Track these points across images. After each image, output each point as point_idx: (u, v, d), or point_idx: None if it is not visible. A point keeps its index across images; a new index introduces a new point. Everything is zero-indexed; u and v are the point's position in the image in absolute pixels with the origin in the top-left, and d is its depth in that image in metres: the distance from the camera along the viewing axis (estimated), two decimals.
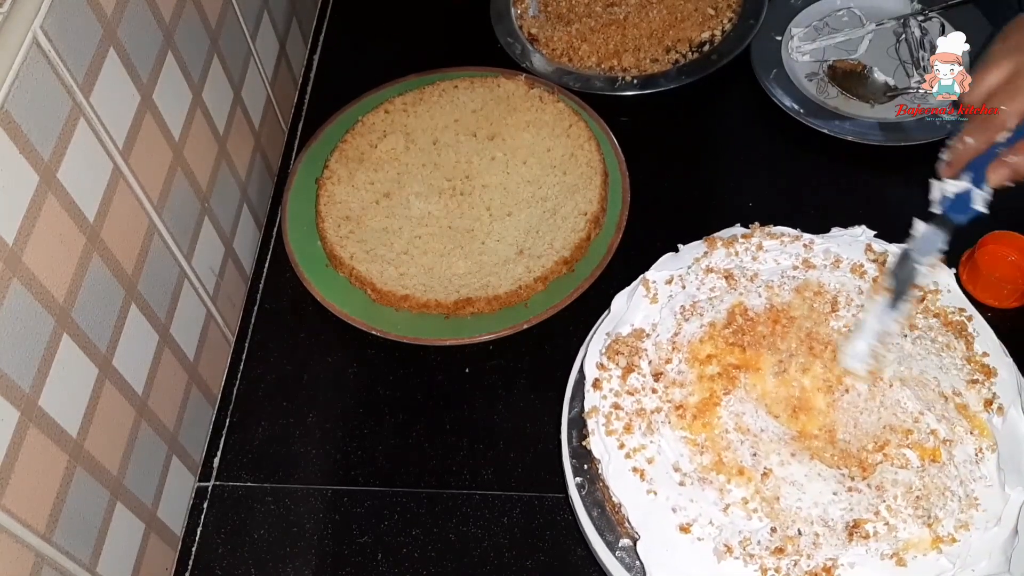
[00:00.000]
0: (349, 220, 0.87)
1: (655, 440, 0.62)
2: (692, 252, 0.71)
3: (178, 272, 0.76)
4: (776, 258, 0.70)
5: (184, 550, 0.74)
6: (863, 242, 0.70)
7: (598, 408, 0.64)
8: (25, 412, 0.55)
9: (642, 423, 0.63)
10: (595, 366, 0.66)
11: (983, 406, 0.62)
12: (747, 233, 0.71)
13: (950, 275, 0.69)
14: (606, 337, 0.67)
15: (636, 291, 0.69)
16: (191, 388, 0.78)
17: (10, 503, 0.54)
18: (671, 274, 0.69)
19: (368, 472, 0.77)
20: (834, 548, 0.57)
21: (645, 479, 0.60)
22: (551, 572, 0.71)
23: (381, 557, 0.72)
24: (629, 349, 0.66)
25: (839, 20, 1.01)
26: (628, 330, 0.67)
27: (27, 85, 0.55)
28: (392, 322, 0.81)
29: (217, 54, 0.83)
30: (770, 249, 0.70)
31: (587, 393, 0.65)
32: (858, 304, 0.67)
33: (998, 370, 0.64)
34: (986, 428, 0.61)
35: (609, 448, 0.62)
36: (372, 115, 0.94)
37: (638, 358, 0.65)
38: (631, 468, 0.61)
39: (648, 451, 0.61)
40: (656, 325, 0.67)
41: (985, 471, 0.59)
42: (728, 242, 0.70)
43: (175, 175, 0.75)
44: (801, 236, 0.71)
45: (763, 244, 0.70)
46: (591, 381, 0.65)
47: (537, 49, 1.01)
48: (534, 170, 0.89)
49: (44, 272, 0.57)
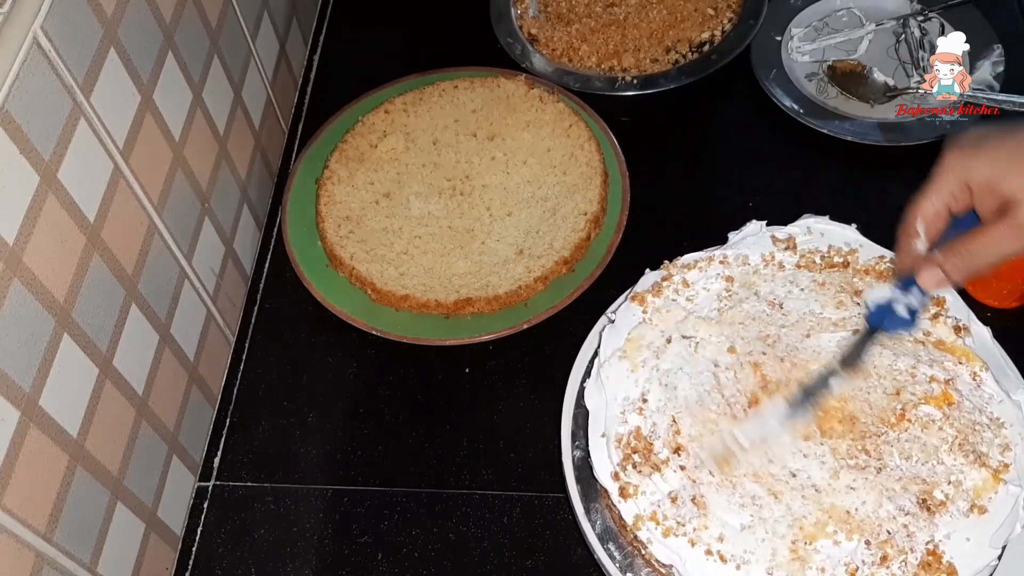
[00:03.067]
0: (349, 220, 0.87)
1: (713, 515, 0.59)
2: (630, 316, 0.69)
3: (178, 272, 0.76)
4: (705, 286, 0.69)
5: (184, 550, 0.74)
6: (766, 235, 0.71)
7: (642, 516, 0.60)
8: (25, 412, 0.55)
9: (692, 506, 0.60)
10: (611, 477, 0.62)
11: (954, 333, 0.64)
12: (664, 275, 0.70)
13: (853, 230, 0.70)
14: (603, 440, 0.64)
15: (601, 376, 0.66)
16: (191, 388, 0.79)
17: (10, 503, 0.54)
18: (621, 348, 0.67)
19: (368, 472, 0.77)
20: (924, 530, 0.58)
21: (727, 560, 0.58)
22: (551, 572, 0.71)
23: (381, 557, 0.72)
24: (635, 439, 0.63)
25: (839, 20, 1.01)
26: (620, 422, 0.64)
27: (27, 85, 0.55)
28: (392, 322, 0.81)
29: (217, 54, 0.83)
30: (695, 280, 0.70)
31: (619, 505, 0.61)
32: (794, 289, 0.68)
33: (945, 297, 0.66)
34: (968, 352, 0.63)
35: (676, 548, 0.59)
36: (372, 115, 0.94)
37: (650, 444, 0.63)
38: (704, 553, 0.58)
39: (713, 530, 0.59)
40: (645, 397, 0.65)
41: (989, 390, 0.62)
42: (655, 291, 0.69)
43: (175, 175, 0.75)
44: (713, 255, 0.70)
45: (686, 279, 0.70)
46: (616, 492, 0.61)
47: (537, 49, 1.01)
48: (534, 170, 0.89)
49: (44, 272, 0.57)
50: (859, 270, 0.69)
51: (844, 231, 0.71)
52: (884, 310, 0.61)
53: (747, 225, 0.72)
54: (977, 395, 0.62)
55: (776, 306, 0.67)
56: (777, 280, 0.69)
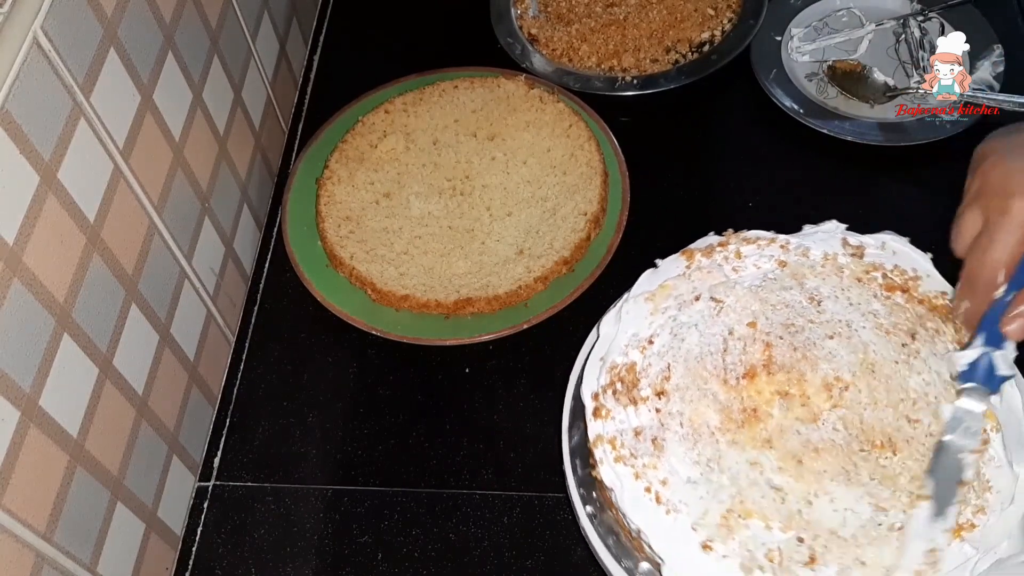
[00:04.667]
0: (349, 220, 0.87)
1: (666, 459, 0.61)
2: (673, 266, 0.70)
3: (178, 272, 0.76)
4: (756, 263, 0.69)
5: (184, 550, 0.75)
6: (838, 236, 0.70)
7: (603, 436, 0.63)
8: (25, 412, 0.55)
9: (650, 445, 0.61)
10: (591, 396, 0.65)
11: None
12: (723, 241, 0.71)
13: (926, 259, 0.67)
14: (600, 363, 0.66)
15: (622, 310, 0.68)
16: (191, 388, 0.79)
17: (10, 503, 0.54)
18: (651, 292, 0.68)
19: (368, 472, 0.77)
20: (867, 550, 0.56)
21: (662, 501, 0.59)
22: (551, 572, 0.71)
23: (381, 557, 0.72)
24: (627, 371, 0.65)
25: (839, 20, 1.01)
26: (622, 352, 0.65)
27: (27, 85, 0.55)
28: (392, 322, 0.81)
29: (217, 54, 0.83)
30: (749, 255, 0.70)
31: (589, 423, 0.64)
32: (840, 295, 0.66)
33: None
34: (991, 413, 0.60)
35: (620, 475, 0.61)
36: (372, 115, 0.94)
37: (637, 379, 0.64)
38: (644, 489, 0.60)
39: (660, 472, 0.60)
40: (652, 339, 0.66)
41: (993, 452, 0.59)
42: (706, 252, 0.70)
43: (175, 175, 0.75)
44: (776, 238, 0.70)
45: (741, 251, 0.70)
46: (591, 410, 0.64)
47: (537, 49, 1.01)
48: (534, 170, 0.89)
49: (44, 272, 0.57)
50: (916, 298, 0.66)
51: (917, 257, 0.68)
52: (981, 369, 0.58)
53: (826, 222, 0.70)
54: None
55: (815, 302, 0.66)
56: (828, 281, 0.67)
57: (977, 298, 0.58)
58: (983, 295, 0.58)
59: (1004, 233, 0.55)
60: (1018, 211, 0.55)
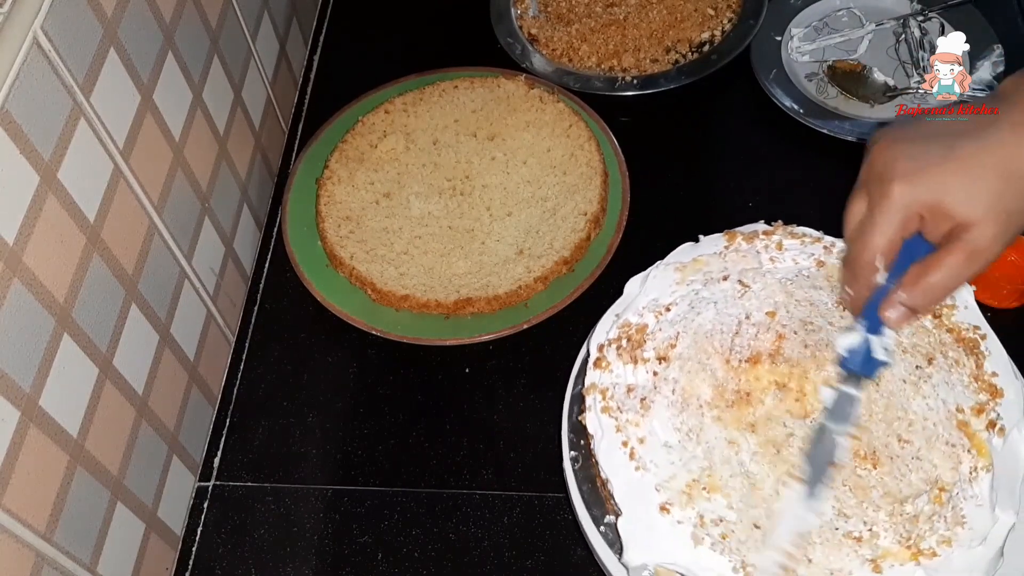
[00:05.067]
0: (349, 220, 0.87)
1: (649, 420, 0.62)
2: (712, 244, 0.71)
3: (178, 272, 0.76)
4: (795, 258, 0.69)
5: (184, 550, 0.75)
6: None
7: (596, 385, 0.64)
8: (26, 412, 0.55)
9: (638, 403, 0.63)
10: (598, 347, 0.66)
11: (985, 427, 0.60)
12: (768, 230, 0.71)
13: (969, 292, 0.66)
14: (615, 318, 0.68)
15: (649, 275, 0.69)
16: (191, 388, 0.79)
17: (10, 503, 0.54)
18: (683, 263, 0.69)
19: (368, 472, 0.77)
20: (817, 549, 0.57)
21: (634, 457, 0.61)
22: (551, 572, 0.71)
23: (381, 557, 0.72)
24: (636, 331, 0.66)
25: (839, 20, 1.01)
26: (637, 313, 0.67)
27: (27, 85, 0.55)
28: (392, 322, 0.81)
29: (217, 54, 0.83)
30: (790, 248, 0.69)
31: (588, 371, 0.66)
32: None
33: (1005, 391, 0.62)
34: (984, 448, 0.60)
35: (603, 425, 0.63)
36: (372, 115, 0.94)
37: (644, 340, 0.66)
38: (621, 443, 0.62)
39: (641, 430, 0.62)
40: (670, 307, 0.67)
41: (977, 490, 0.58)
42: (749, 237, 0.70)
43: (175, 175, 0.75)
44: (823, 238, 0.70)
45: (783, 243, 0.70)
46: (593, 359, 0.66)
47: (537, 49, 1.01)
48: (534, 170, 0.89)
49: (44, 272, 0.57)
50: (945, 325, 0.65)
51: (969, 301, 0.67)
52: (859, 354, 0.59)
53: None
54: (961, 487, 0.59)
55: (842, 308, 0.66)
56: None
57: (858, 285, 0.58)
58: (863, 280, 0.57)
59: (883, 218, 0.55)
60: (898, 196, 0.54)
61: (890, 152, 0.56)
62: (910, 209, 0.54)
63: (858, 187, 0.58)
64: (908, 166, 0.54)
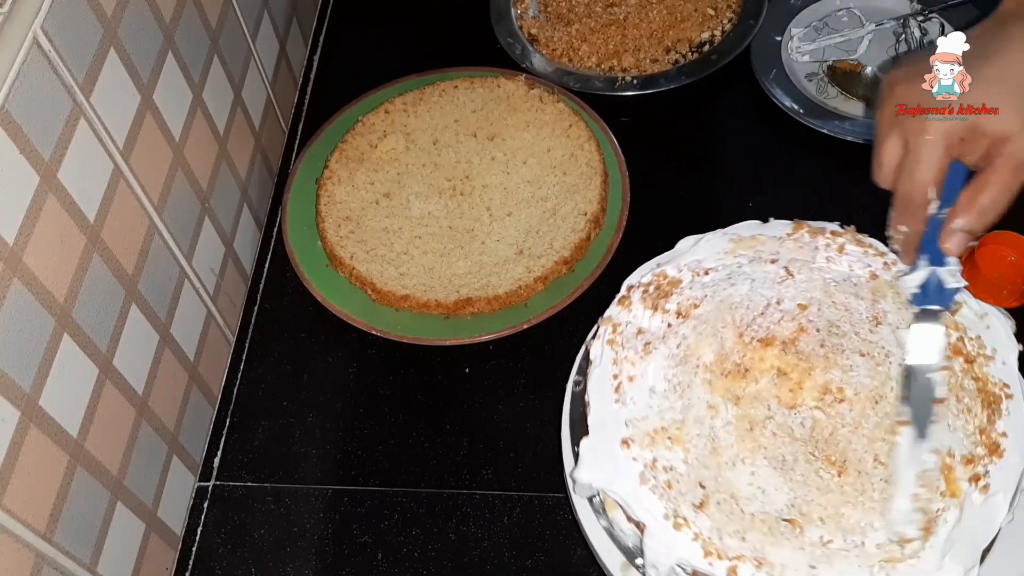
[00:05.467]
0: (349, 220, 0.87)
1: (645, 364, 0.65)
2: (777, 228, 0.71)
3: (178, 272, 0.76)
4: (852, 264, 0.69)
5: (184, 550, 0.75)
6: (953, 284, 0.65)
7: (612, 318, 0.68)
8: (26, 412, 0.55)
9: (641, 346, 0.66)
10: (627, 287, 0.69)
11: (969, 478, 0.59)
12: (836, 231, 0.71)
13: (1014, 349, 0.64)
14: (655, 266, 0.70)
15: (704, 239, 0.71)
16: (191, 388, 0.79)
17: (10, 503, 0.54)
18: (740, 237, 0.71)
19: (368, 472, 0.77)
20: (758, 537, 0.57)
21: (619, 391, 0.64)
22: (551, 572, 0.71)
23: (381, 557, 0.72)
24: (669, 283, 0.68)
25: (839, 20, 1.01)
26: (677, 267, 0.69)
27: (27, 85, 0.55)
28: (392, 322, 0.81)
29: (217, 54, 0.83)
30: (850, 254, 0.69)
31: (612, 304, 0.69)
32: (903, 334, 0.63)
33: (1007, 453, 0.60)
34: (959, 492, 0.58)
35: (604, 355, 0.66)
36: (372, 115, 0.94)
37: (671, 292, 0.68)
38: (612, 376, 0.65)
39: (635, 370, 0.65)
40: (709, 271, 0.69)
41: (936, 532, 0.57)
42: (814, 232, 0.70)
43: (175, 175, 0.75)
44: (887, 254, 0.69)
45: (846, 247, 0.69)
46: (619, 296, 0.69)
47: (537, 49, 1.01)
48: (534, 170, 0.89)
49: (44, 272, 0.57)
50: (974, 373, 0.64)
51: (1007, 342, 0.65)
52: (931, 287, 0.60)
53: (950, 260, 0.63)
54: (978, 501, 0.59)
55: (874, 321, 0.65)
56: (903, 313, 0.65)
57: (914, 220, 0.60)
58: (919, 216, 0.59)
59: (927, 149, 0.57)
60: (935, 128, 0.56)
61: (917, 90, 0.58)
62: (951, 135, 0.56)
63: (885, 130, 0.60)
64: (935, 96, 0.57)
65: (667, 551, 0.58)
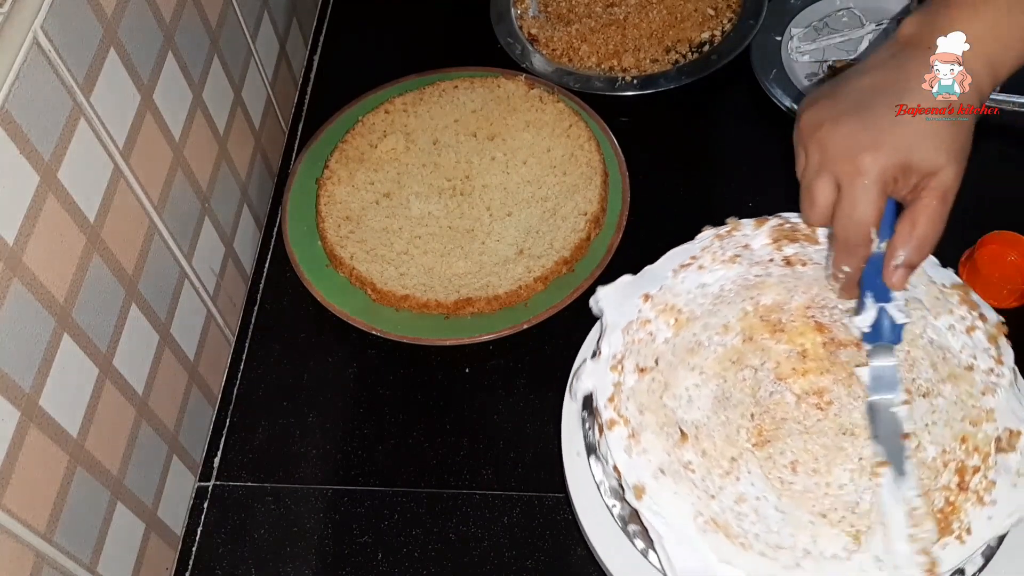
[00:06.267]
0: (349, 220, 0.87)
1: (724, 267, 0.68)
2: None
3: (178, 272, 0.76)
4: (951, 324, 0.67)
5: (184, 550, 0.75)
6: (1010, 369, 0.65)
7: (738, 223, 0.70)
8: (25, 412, 0.55)
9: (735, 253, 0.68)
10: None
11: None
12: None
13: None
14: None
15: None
16: (191, 388, 0.79)
17: (10, 503, 0.54)
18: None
19: (368, 472, 0.77)
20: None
21: (685, 269, 0.68)
22: (551, 572, 0.71)
23: (381, 557, 0.72)
24: (803, 234, 0.68)
25: (839, 20, 1.01)
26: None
27: (27, 85, 0.55)
28: (392, 322, 0.81)
29: (217, 54, 0.83)
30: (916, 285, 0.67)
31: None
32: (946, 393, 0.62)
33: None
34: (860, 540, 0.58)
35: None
36: (372, 115, 0.94)
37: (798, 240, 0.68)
38: (693, 256, 0.69)
39: (714, 265, 0.68)
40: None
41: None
42: None
43: (175, 175, 0.75)
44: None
45: None
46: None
47: (537, 49, 1.01)
48: (534, 170, 0.89)
49: (44, 272, 0.57)
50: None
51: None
52: (880, 325, 0.60)
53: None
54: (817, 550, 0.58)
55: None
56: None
57: (856, 260, 0.60)
58: (862, 255, 0.60)
59: (863, 192, 0.57)
60: (870, 166, 0.56)
61: (843, 129, 0.58)
62: (886, 174, 0.57)
63: (816, 172, 0.59)
64: (866, 137, 0.57)
65: None
